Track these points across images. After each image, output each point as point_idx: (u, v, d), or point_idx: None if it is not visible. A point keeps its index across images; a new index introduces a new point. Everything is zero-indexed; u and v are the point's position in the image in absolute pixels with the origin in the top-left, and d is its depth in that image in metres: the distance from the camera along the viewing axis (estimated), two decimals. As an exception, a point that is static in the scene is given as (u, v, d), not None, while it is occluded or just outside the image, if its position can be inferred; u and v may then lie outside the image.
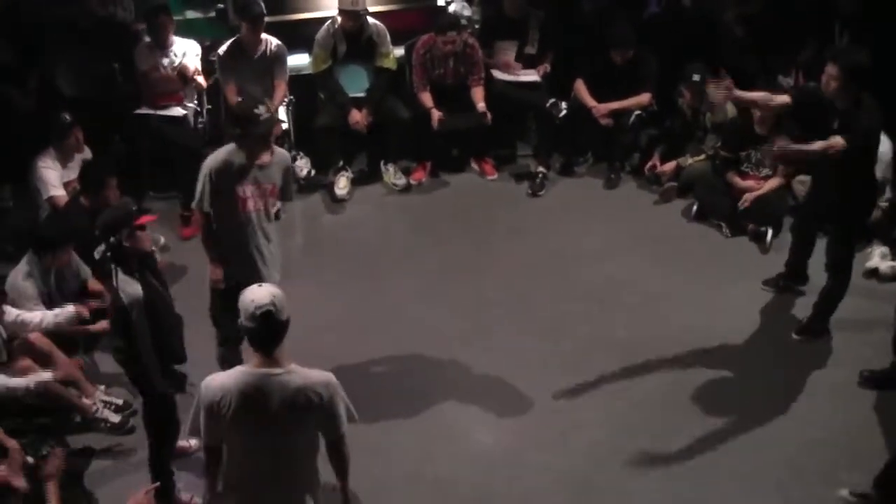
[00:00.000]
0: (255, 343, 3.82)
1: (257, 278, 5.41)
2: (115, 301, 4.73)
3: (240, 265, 5.43)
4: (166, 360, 4.88)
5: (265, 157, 5.34)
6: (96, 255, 5.88)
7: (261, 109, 5.26)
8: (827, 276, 6.15)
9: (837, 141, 5.57)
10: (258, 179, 5.34)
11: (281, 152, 5.57)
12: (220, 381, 3.84)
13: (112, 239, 4.81)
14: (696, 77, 7.69)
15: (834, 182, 5.90)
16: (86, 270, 6.20)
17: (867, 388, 5.83)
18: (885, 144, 6.68)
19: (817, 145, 5.66)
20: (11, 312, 5.71)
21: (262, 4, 7.59)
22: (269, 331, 3.79)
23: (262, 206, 5.41)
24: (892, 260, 6.84)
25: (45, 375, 5.53)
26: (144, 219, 4.93)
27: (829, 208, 6.05)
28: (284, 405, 3.77)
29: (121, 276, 4.74)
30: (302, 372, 3.86)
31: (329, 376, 3.91)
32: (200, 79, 7.86)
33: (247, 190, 5.33)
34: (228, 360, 5.28)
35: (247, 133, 5.27)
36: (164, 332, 4.86)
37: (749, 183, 7.33)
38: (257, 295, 3.80)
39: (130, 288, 4.72)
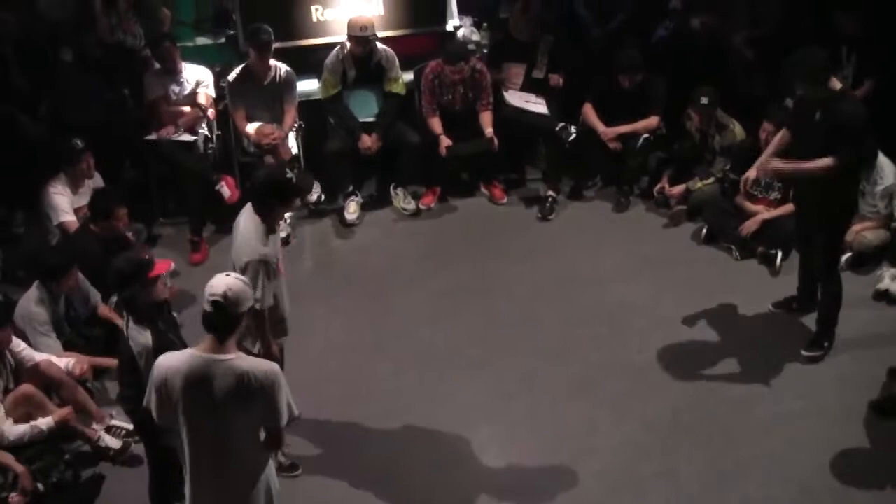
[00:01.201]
0: (207, 327, 3.92)
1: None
2: (125, 350, 4.72)
3: (285, 326, 5.36)
4: None
5: None
6: (110, 306, 5.92)
7: (290, 173, 5.11)
8: (819, 288, 6.18)
9: (827, 161, 5.57)
10: (279, 244, 5.21)
11: None
12: (169, 362, 3.93)
13: (125, 292, 4.83)
14: (704, 100, 7.71)
15: (811, 190, 5.91)
16: (95, 295, 6.22)
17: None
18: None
19: (816, 163, 5.61)
20: (20, 346, 5.69)
21: (271, 31, 7.61)
22: (218, 319, 3.88)
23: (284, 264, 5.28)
24: (904, 282, 6.82)
25: (42, 423, 5.42)
26: (158, 269, 4.90)
27: (809, 217, 6.07)
28: (226, 390, 3.84)
29: (132, 324, 4.73)
30: (247, 360, 3.95)
31: (273, 366, 3.97)
32: (211, 111, 7.90)
33: (280, 258, 5.18)
34: None
35: (288, 199, 5.09)
36: None
37: (758, 206, 7.33)
38: (216, 283, 3.91)
39: (142, 337, 4.69)
